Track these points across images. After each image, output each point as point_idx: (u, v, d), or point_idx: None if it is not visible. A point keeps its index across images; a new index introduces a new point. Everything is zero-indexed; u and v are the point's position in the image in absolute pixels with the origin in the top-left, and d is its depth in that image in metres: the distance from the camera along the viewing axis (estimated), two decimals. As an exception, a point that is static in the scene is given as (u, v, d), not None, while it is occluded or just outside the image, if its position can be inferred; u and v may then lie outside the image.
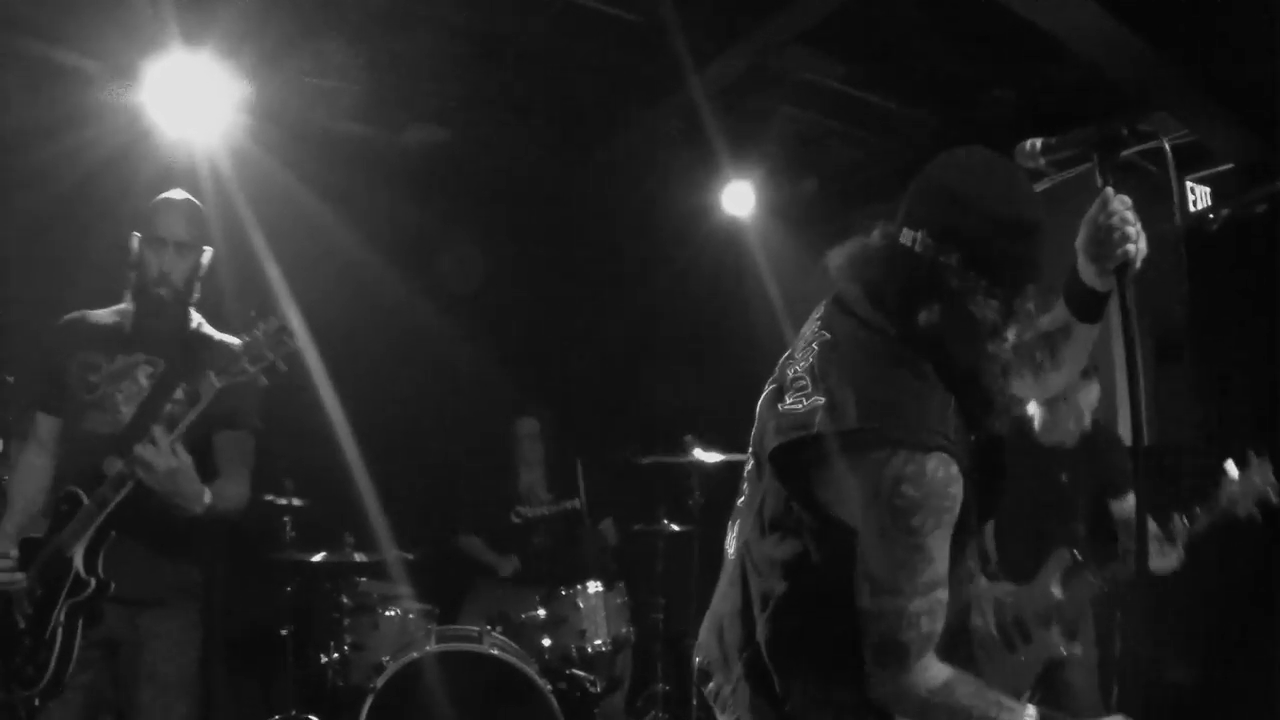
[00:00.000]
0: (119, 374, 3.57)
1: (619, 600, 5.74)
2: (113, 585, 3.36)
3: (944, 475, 2.04)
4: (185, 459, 3.27)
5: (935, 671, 2.14)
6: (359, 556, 5.47)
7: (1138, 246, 2.21)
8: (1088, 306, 2.38)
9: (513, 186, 6.88)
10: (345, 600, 5.35)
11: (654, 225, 7.19)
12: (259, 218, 5.12)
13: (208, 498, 3.38)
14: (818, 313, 2.36)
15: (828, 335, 2.25)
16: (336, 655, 5.25)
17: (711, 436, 5.96)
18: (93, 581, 3.34)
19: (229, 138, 5.26)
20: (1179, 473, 4.92)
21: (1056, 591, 4.40)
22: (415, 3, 5.30)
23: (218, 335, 3.75)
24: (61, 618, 3.34)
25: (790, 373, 2.27)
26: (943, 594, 2.11)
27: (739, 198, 6.67)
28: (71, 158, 4.93)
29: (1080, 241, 2.29)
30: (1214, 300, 5.09)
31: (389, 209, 6.16)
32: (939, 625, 2.12)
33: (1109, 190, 2.22)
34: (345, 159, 5.96)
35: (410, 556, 5.64)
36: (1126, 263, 2.20)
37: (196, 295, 3.76)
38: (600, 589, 5.66)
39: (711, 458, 5.96)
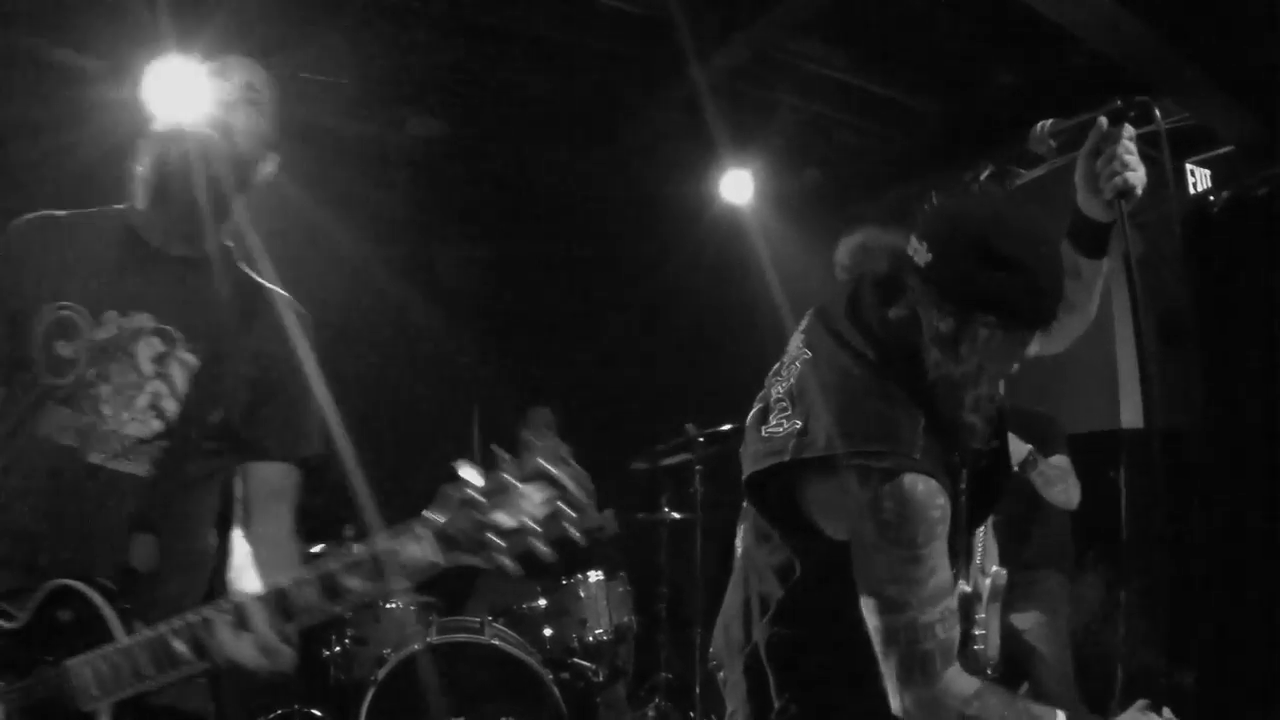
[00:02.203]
0: (108, 349, 2.24)
1: (621, 589, 5.74)
2: None
3: (924, 489, 2.04)
4: (287, 650, 2.04)
5: (965, 682, 2.10)
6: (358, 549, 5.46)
7: (1137, 175, 2.22)
8: (1091, 240, 2.39)
9: (511, 178, 6.87)
10: (346, 594, 5.35)
11: (655, 215, 7.18)
12: (253, 213, 5.10)
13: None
14: (804, 324, 2.37)
15: (809, 354, 2.27)
16: (338, 649, 5.25)
17: (712, 424, 5.94)
18: None
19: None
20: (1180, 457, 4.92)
21: None
22: (411, -5, 5.30)
23: (267, 284, 2.50)
24: None
25: (774, 392, 2.29)
26: (952, 602, 2.10)
27: (737, 186, 6.64)
28: (67, 154, 4.89)
29: (1079, 175, 2.32)
30: (1213, 283, 5.08)
31: (386, 204, 6.17)
32: (955, 633, 2.11)
33: (1103, 120, 2.23)
34: (341, 154, 5.95)
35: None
36: (1127, 190, 2.22)
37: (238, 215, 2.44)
38: (602, 578, 5.67)
39: (712, 444, 5.94)
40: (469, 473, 1.89)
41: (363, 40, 5.51)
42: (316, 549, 5.44)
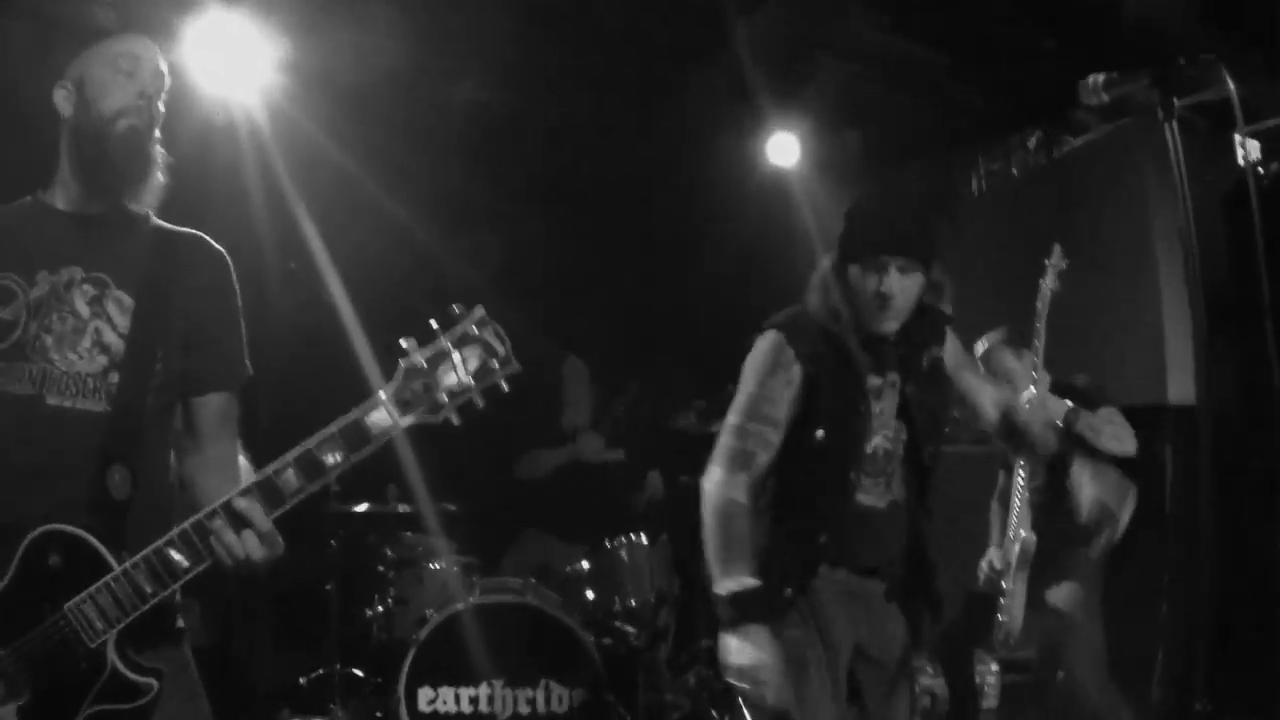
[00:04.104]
0: (45, 303, 2.34)
1: (664, 554, 5.75)
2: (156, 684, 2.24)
3: (770, 339, 3.12)
4: (279, 537, 2.24)
5: (732, 493, 2.97)
6: (402, 508, 5.52)
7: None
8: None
9: (556, 144, 6.84)
10: (389, 554, 5.42)
11: (700, 180, 7.14)
12: (297, 178, 5.14)
13: None
14: None
15: None
16: (380, 609, 5.33)
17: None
18: (153, 684, 2.22)
19: (268, 97, 5.27)
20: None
21: None
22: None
23: (184, 230, 2.56)
24: None
25: None
26: (768, 432, 3.02)
27: (784, 149, 6.61)
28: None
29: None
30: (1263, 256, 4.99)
31: (430, 171, 6.15)
32: (759, 454, 3.01)
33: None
34: (386, 121, 5.94)
35: (452, 508, 5.69)
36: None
37: (160, 173, 2.49)
38: (645, 543, 5.67)
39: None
40: (412, 345, 2.20)
41: (409, 6, 5.49)
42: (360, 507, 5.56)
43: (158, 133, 2.44)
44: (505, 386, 2.25)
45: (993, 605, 4.73)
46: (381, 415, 2.19)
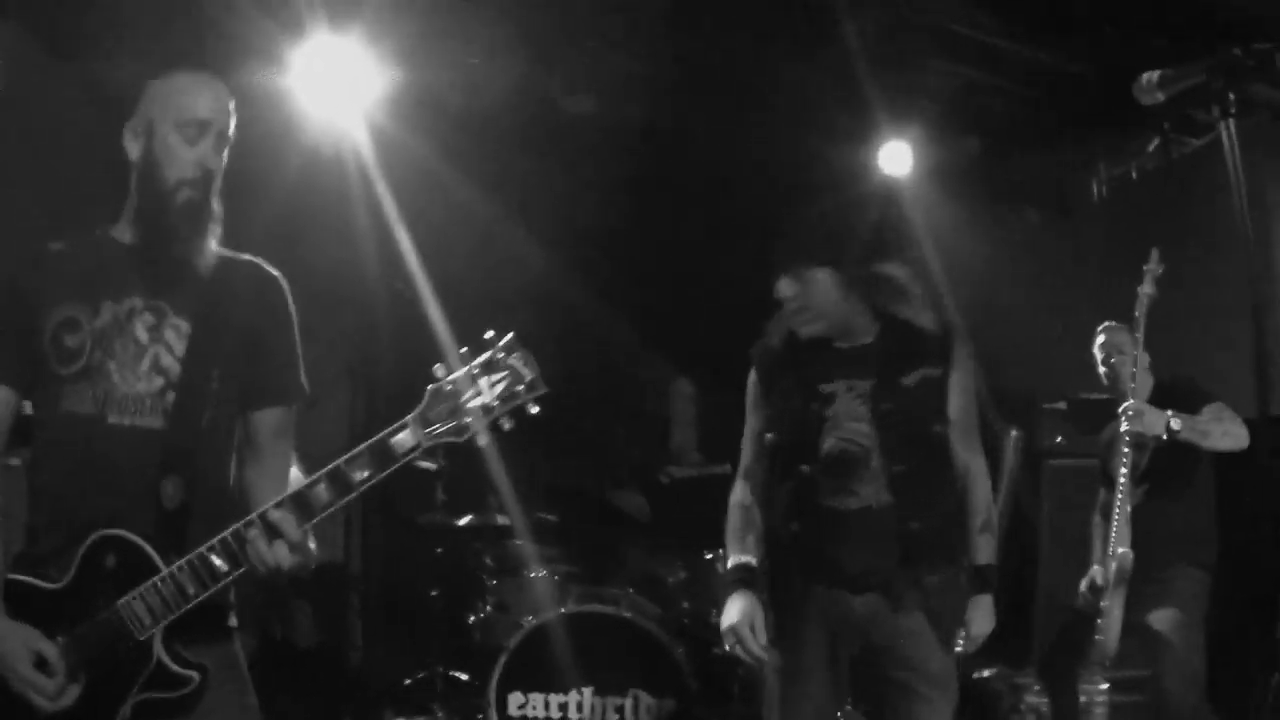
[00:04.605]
0: (108, 331, 2.49)
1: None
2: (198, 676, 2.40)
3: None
4: (312, 547, 2.45)
5: (739, 493, 3.50)
6: (501, 519, 5.64)
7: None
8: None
9: (664, 149, 6.83)
10: (490, 562, 5.55)
11: (809, 186, 7.08)
12: (403, 202, 5.24)
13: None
14: None
15: None
16: (482, 615, 5.46)
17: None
18: (195, 677, 2.38)
19: (375, 122, 5.40)
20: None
21: None
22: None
23: (241, 256, 2.67)
24: (128, 712, 2.38)
25: None
26: (753, 441, 3.49)
27: (897, 158, 6.52)
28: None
29: None
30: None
31: (539, 185, 6.22)
32: (750, 461, 3.49)
33: None
34: (494, 138, 6.03)
35: (553, 518, 5.79)
36: None
37: (217, 226, 2.57)
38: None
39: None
40: (441, 370, 2.34)
41: (515, 23, 5.58)
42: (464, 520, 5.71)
43: (218, 182, 2.55)
44: (534, 410, 2.34)
45: (1093, 623, 4.62)
46: (406, 436, 2.34)
